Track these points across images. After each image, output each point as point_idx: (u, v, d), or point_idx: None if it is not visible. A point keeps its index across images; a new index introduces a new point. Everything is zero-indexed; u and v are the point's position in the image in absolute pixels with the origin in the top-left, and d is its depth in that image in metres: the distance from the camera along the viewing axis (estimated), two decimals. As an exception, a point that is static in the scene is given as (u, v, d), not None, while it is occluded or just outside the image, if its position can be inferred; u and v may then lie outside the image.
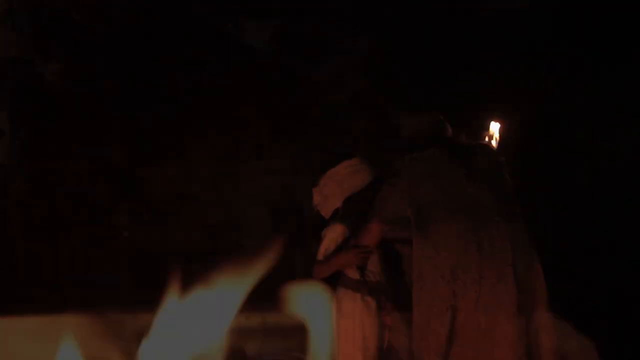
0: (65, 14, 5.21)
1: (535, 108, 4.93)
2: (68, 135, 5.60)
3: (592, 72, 4.97)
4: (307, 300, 2.53)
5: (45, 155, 5.67)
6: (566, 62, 5.01)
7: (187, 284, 5.01)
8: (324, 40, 5.31)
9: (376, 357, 2.34)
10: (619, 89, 4.85)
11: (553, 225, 4.82)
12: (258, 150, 5.50)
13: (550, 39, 5.04)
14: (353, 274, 2.46)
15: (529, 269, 1.90)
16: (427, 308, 1.90)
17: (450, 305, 1.86)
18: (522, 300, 1.85)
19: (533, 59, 5.04)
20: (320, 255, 2.53)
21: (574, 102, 4.98)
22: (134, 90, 5.50)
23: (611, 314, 4.03)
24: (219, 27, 5.41)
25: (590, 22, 4.96)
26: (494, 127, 2.25)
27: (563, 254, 4.54)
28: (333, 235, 2.48)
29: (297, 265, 5.49)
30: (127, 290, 4.78)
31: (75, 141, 5.60)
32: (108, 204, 5.47)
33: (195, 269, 5.34)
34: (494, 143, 2.26)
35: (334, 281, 2.54)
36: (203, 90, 5.49)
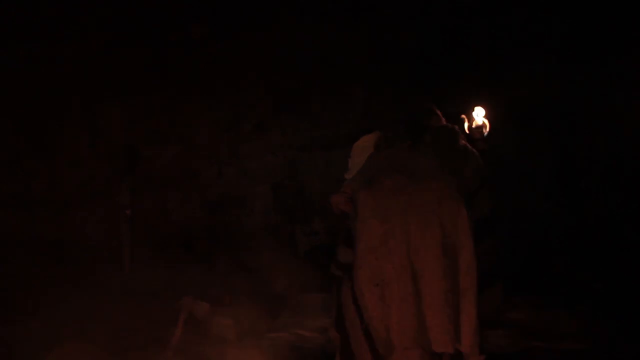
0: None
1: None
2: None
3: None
4: None
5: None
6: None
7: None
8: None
9: None
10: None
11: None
12: (260, 127, 5.51)
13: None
14: None
15: (456, 221, 2.30)
16: (364, 242, 2.33)
17: (384, 241, 2.30)
18: (447, 244, 2.28)
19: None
20: None
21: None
22: (134, 68, 5.50)
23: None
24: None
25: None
26: (478, 116, 2.81)
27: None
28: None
29: (298, 240, 5.57)
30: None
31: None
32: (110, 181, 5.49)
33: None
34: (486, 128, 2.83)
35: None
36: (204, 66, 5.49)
